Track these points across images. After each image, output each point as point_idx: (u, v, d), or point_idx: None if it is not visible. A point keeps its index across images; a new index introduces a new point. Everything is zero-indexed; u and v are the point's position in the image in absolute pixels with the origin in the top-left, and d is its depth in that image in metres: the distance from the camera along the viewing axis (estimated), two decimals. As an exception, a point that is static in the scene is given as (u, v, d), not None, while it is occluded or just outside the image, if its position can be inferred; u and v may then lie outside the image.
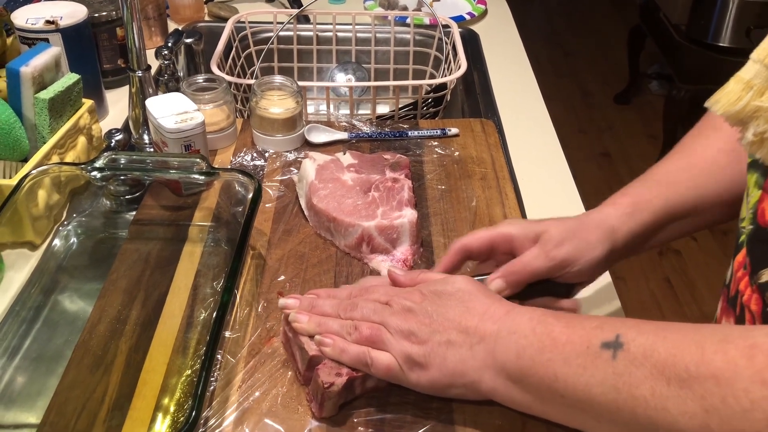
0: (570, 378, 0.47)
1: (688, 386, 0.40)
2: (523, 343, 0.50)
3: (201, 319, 0.70)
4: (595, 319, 0.49)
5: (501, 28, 1.42)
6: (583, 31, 3.88)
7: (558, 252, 0.60)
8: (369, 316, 0.57)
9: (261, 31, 1.30)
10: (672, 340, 0.43)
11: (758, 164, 0.53)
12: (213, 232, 0.82)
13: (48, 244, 0.80)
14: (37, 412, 0.61)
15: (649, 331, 0.45)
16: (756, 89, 0.43)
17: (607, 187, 2.66)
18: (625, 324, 0.47)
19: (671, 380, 0.41)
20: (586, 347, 0.47)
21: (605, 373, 0.45)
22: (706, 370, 0.40)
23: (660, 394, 0.42)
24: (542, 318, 0.51)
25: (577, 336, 0.48)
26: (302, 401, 0.60)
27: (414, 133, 0.98)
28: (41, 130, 0.85)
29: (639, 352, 0.44)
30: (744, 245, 0.54)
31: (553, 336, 0.49)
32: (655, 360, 0.43)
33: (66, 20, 0.98)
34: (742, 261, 0.55)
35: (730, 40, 2.32)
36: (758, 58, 0.43)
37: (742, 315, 0.54)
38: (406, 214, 0.76)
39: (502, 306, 0.55)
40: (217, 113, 0.93)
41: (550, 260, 0.60)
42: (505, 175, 0.90)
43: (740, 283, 0.55)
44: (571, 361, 0.47)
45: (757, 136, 0.43)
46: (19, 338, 0.68)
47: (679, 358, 0.42)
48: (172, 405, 0.61)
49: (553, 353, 0.48)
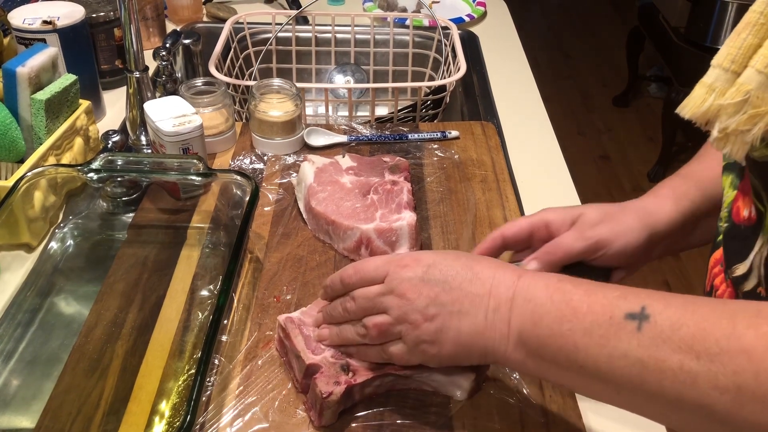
0: (591, 349, 0.45)
1: (720, 361, 0.40)
2: (540, 312, 0.48)
3: (198, 322, 0.69)
4: (616, 288, 0.47)
5: (500, 30, 1.42)
6: (582, 33, 3.88)
7: (593, 232, 0.61)
8: (370, 307, 0.55)
9: (259, 32, 1.29)
10: (701, 313, 0.42)
11: (733, 166, 0.55)
12: (211, 234, 0.81)
13: (44, 246, 0.79)
14: (33, 415, 0.60)
15: (676, 304, 0.44)
16: (718, 91, 0.46)
17: (606, 189, 2.66)
18: (651, 296, 0.45)
19: (701, 355, 0.40)
20: (609, 317, 0.45)
21: (629, 346, 0.43)
22: (737, 344, 0.39)
23: (689, 368, 0.41)
24: (559, 285, 0.49)
25: (599, 305, 0.46)
26: (299, 406, 0.59)
27: (414, 136, 0.97)
28: (38, 131, 0.84)
29: (666, 324, 0.43)
30: (721, 243, 0.56)
31: (572, 305, 0.47)
32: (683, 333, 0.42)
33: (63, 20, 0.97)
34: (719, 258, 0.56)
35: (729, 43, 2.32)
36: (717, 63, 0.47)
37: None
38: (405, 217, 0.76)
39: (511, 270, 0.52)
40: (215, 116, 0.93)
41: (585, 240, 0.61)
42: (506, 177, 0.90)
43: (715, 279, 0.56)
44: (592, 331, 0.45)
45: (721, 132, 0.45)
46: (14, 341, 0.68)
47: (710, 331, 0.41)
48: (168, 409, 0.61)
49: (573, 323, 0.47)
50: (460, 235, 0.80)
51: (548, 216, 0.64)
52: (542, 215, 0.64)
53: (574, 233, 0.62)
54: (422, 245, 0.78)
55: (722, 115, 0.45)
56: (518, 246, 0.66)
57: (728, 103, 0.44)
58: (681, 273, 2.24)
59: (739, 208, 0.53)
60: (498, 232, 0.64)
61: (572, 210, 0.64)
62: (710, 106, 0.46)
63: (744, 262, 0.52)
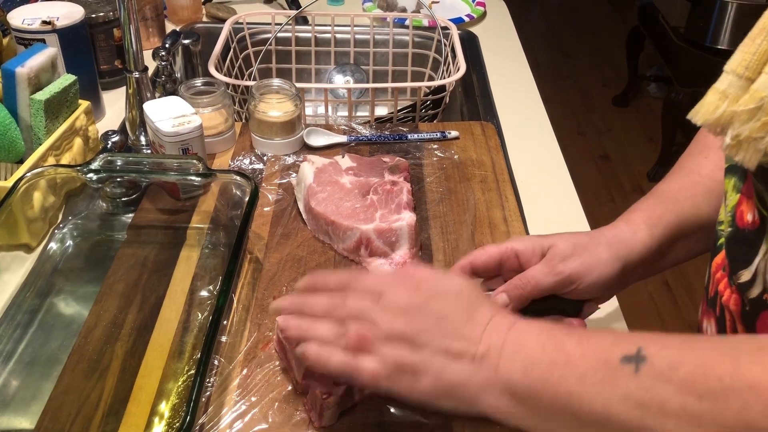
0: (586, 396, 0.44)
1: (725, 399, 0.39)
2: (530, 360, 0.47)
3: (197, 323, 0.69)
4: (609, 334, 0.47)
5: (500, 30, 1.42)
6: (582, 33, 3.88)
7: (564, 266, 0.59)
8: (358, 314, 0.52)
9: (259, 32, 1.29)
10: (700, 352, 0.41)
11: (736, 169, 0.55)
12: (210, 235, 0.81)
13: (43, 246, 0.79)
14: (32, 416, 0.60)
15: (673, 344, 0.43)
16: (731, 97, 0.45)
17: (606, 189, 2.66)
18: (645, 337, 0.44)
19: (704, 395, 0.39)
20: (605, 362, 0.44)
21: (628, 389, 0.42)
22: (742, 380, 0.38)
23: (692, 409, 0.40)
24: (552, 333, 0.48)
25: (592, 351, 0.45)
26: (299, 407, 0.59)
27: (414, 136, 0.97)
28: (37, 132, 0.84)
29: (664, 365, 0.41)
30: (723, 247, 0.55)
31: (565, 351, 0.46)
32: (683, 373, 0.40)
33: (63, 21, 0.97)
34: (721, 263, 0.55)
35: (728, 43, 2.32)
36: (730, 69, 0.46)
37: (723, 315, 0.54)
38: (404, 217, 0.76)
39: (506, 317, 0.51)
40: (215, 117, 0.93)
41: (556, 275, 0.59)
42: (506, 177, 0.90)
43: (719, 284, 0.55)
44: (587, 377, 0.44)
45: (734, 139, 0.44)
46: (13, 342, 0.68)
47: (711, 369, 0.40)
48: (167, 410, 0.61)
49: (566, 370, 0.45)
50: (460, 235, 0.80)
51: (517, 246, 0.61)
52: (511, 245, 0.62)
53: (544, 267, 0.59)
54: (422, 245, 0.78)
55: (735, 122, 0.44)
56: (488, 274, 0.63)
57: (742, 110, 0.44)
58: (681, 273, 2.24)
59: (743, 212, 0.52)
60: (467, 260, 0.62)
61: (542, 240, 0.61)
62: (723, 113, 0.45)
63: (749, 268, 0.51)
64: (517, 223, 0.82)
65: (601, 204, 2.58)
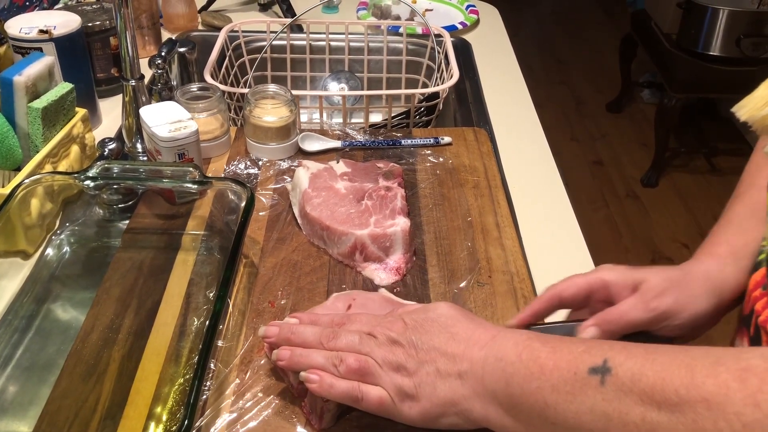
0: (560, 406, 0.46)
1: (680, 410, 0.39)
2: (510, 371, 0.49)
3: (194, 327, 0.70)
4: (582, 343, 0.48)
5: (493, 38, 1.43)
6: (575, 39, 3.90)
7: (659, 303, 0.57)
8: (354, 346, 0.55)
9: (254, 40, 1.30)
10: (661, 362, 0.42)
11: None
12: (206, 240, 0.82)
13: (41, 253, 0.80)
14: (29, 421, 0.61)
15: (637, 353, 0.44)
16: None
17: (599, 195, 2.67)
18: (614, 347, 0.45)
19: (662, 405, 0.40)
20: (574, 373, 0.46)
21: (594, 400, 0.44)
22: (696, 393, 0.39)
23: (651, 420, 0.41)
24: (528, 343, 0.50)
25: (564, 362, 0.47)
26: (296, 411, 0.60)
27: (407, 141, 0.98)
28: (34, 139, 0.85)
29: (627, 376, 0.43)
30: (764, 263, 0.52)
31: (539, 362, 0.48)
32: (644, 384, 0.42)
33: (59, 30, 0.98)
34: (761, 280, 0.53)
35: (720, 49, 2.34)
36: None
37: (758, 335, 0.52)
38: (399, 223, 0.76)
39: (488, 330, 0.53)
40: (210, 122, 0.94)
41: (650, 311, 0.57)
42: (498, 183, 0.91)
43: (757, 303, 0.52)
44: (559, 388, 0.46)
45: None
46: (11, 347, 0.68)
47: (668, 381, 0.41)
48: (164, 414, 0.61)
49: (540, 381, 0.47)
50: (453, 241, 0.81)
51: (607, 277, 0.60)
52: (600, 275, 0.60)
53: (637, 302, 0.57)
54: (416, 251, 0.79)
55: None
56: (575, 306, 0.62)
57: None
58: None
59: None
60: (555, 291, 0.60)
61: (633, 273, 0.59)
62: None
63: None
64: (509, 229, 0.83)
65: (596, 209, 2.59)
